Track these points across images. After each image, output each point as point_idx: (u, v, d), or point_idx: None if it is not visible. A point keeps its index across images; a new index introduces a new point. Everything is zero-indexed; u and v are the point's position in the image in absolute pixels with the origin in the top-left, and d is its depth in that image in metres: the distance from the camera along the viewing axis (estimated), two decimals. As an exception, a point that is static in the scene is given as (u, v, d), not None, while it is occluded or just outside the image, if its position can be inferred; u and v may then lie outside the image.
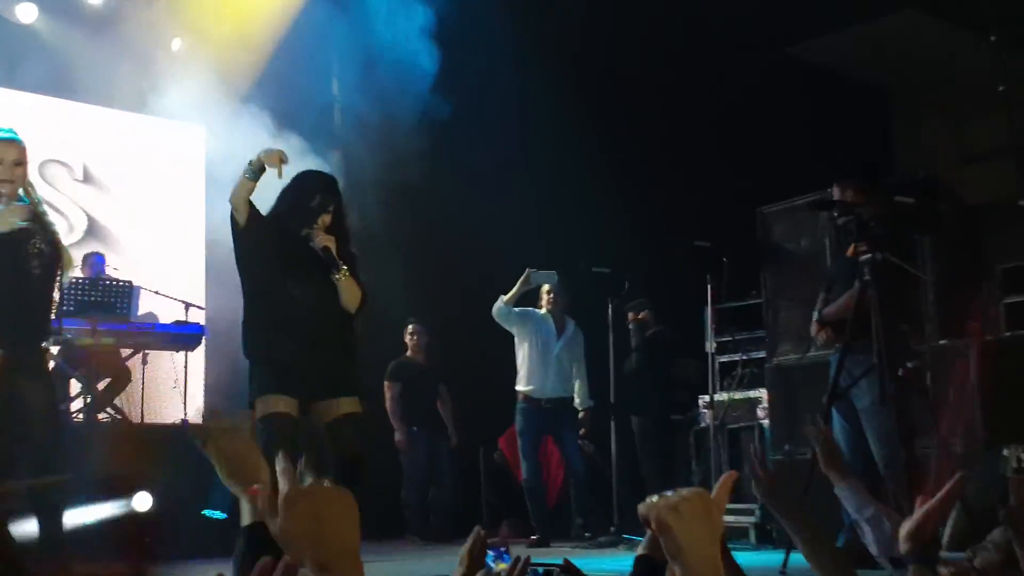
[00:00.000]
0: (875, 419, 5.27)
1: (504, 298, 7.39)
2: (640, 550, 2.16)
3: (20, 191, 4.73)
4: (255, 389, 4.80)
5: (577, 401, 7.65)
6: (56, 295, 4.82)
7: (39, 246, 4.66)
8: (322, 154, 9.21)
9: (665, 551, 1.50)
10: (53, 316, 4.82)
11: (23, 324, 4.64)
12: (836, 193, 5.48)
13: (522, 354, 7.55)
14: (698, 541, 1.48)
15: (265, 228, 4.80)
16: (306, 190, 4.88)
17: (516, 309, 7.50)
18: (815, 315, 5.63)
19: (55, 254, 4.75)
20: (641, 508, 1.52)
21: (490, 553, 2.27)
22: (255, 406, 4.72)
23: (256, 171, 4.61)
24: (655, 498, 1.51)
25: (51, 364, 4.94)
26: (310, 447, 4.79)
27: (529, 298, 7.70)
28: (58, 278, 4.80)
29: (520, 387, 7.55)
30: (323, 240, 4.82)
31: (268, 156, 4.59)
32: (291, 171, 4.98)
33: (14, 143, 4.73)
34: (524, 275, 7.36)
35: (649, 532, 1.60)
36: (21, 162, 4.70)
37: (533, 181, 8.57)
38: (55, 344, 5.14)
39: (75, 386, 7.27)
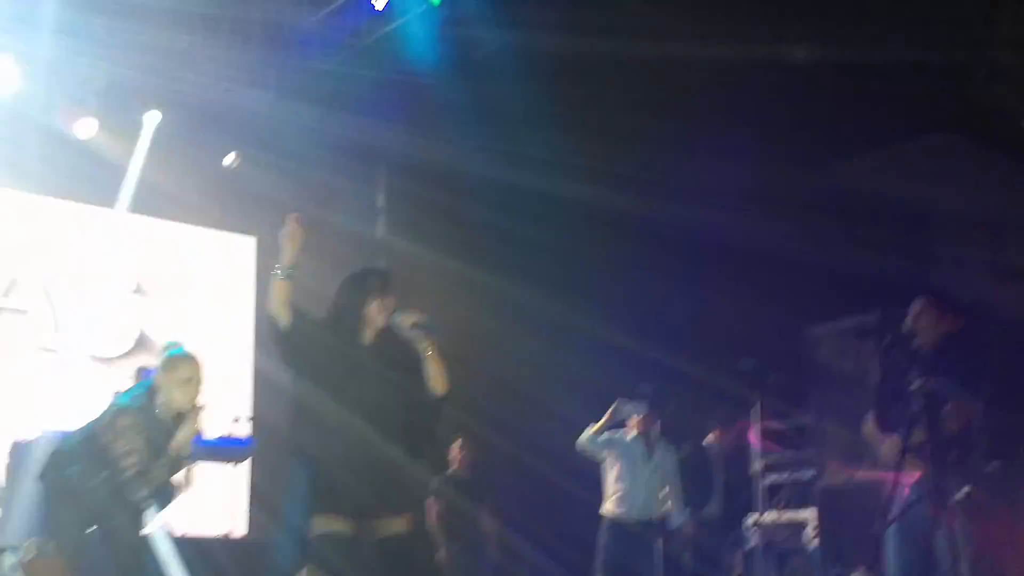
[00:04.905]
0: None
1: (592, 428, 7.49)
2: None
3: None
4: (311, 504, 4.77)
5: (672, 520, 7.68)
6: None
7: None
8: (368, 260, 9.43)
9: None
10: None
11: None
12: (914, 308, 5.49)
13: (612, 476, 7.62)
14: None
15: (316, 330, 4.80)
16: (358, 279, 4.89)
17: (603, 436, 7.58)
18: (885, 441, 5.55)
19: None
20: None
21: None
22: (311, 522, 4.72)
23: (287, 270, 4.32)
24: None
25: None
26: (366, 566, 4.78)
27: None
28: None
29: (608, 508, 7.62)
30: (409, 317, 4.79)
31: (284, 237, 4.34)
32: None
33: (199, 362, 5.04)
34: (613, 406, 7.45)
35: None
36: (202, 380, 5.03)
37: (581, 301, 8.65)
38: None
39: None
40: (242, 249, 9.64)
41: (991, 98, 7.70)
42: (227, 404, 8.29)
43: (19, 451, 6.56)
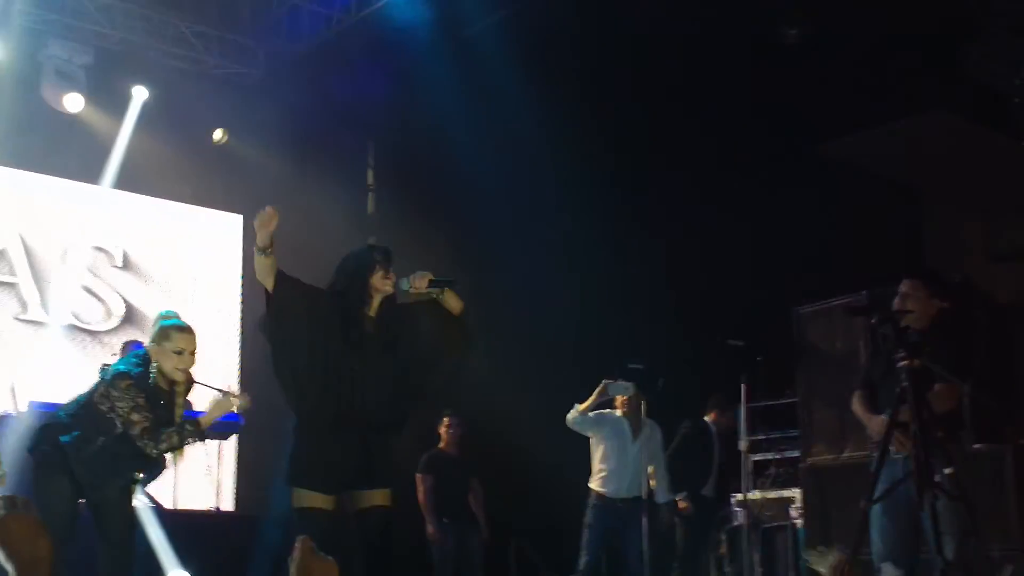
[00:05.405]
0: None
1: (579, 407, 7.48)
2: None
3: None
4: (291, 477, 4.77)
5: (658, 497, 7.68)
6: None
7: None
8: (360, 237, 9.39)
9: None
10: None
11: None
12: (903, 287, 5.48)
13: (599, 455, 7.61)
14: None
15: (308, 296, 4.78)
16: (361, 252, 4.88)
17: (591, 414, 7.57)
18: (873, 418, 5.54)
19: None
20: None
21: None
22: (292, 495, 4.72)
23: (262, 247, 4.47)
24: None
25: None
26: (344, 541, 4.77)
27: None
28: None
29: (595, 486, 7.60)
30: (420, 277, 4.78)
31: (259, 222, 4.46)
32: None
33: (193, 333, 5.02)
34: (600, 386, 7.44)
35: None
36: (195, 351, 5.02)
37: (569, 279, 8.65)
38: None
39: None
40: (229, 226, 9.60)
41: (983, 75, 7.69)
42: (214, 379, 8.24)
43: (2, 423, 6.54)
